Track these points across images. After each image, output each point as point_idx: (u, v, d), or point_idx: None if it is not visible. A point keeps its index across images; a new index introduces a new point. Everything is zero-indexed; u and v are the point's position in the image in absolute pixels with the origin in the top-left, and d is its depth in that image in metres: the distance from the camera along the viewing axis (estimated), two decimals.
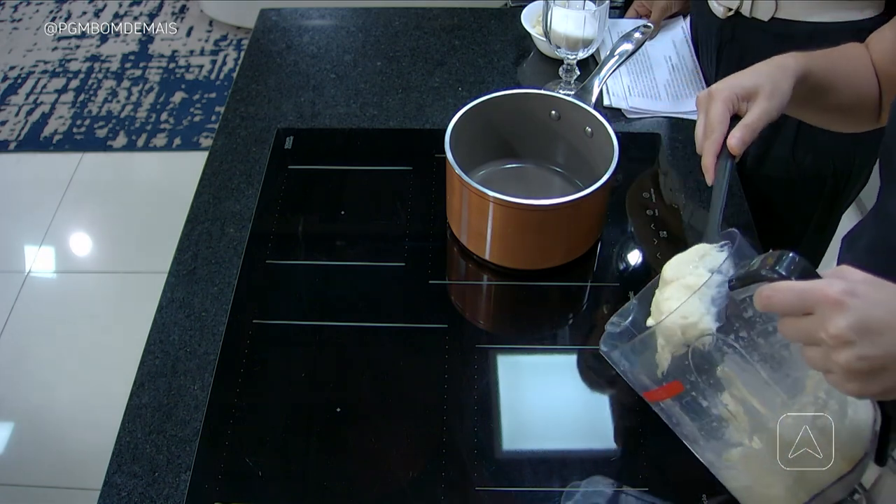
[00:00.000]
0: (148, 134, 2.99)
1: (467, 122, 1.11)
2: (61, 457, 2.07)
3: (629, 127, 1.34)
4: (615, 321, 0.85)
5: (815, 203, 1.38)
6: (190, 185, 1.25)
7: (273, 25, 1.58)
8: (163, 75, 3.26)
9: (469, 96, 1.15)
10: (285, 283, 1.12)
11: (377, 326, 1.06)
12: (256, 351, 1.03)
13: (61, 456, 2.07)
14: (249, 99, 1.40)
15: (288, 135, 1.32)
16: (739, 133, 0.89)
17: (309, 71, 1.46)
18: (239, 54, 3.32)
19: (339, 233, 1.19)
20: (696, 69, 1.42)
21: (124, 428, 0.96)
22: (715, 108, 0.91)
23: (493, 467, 0.92)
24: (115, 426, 0.96)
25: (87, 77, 3.26)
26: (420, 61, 1.48)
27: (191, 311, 1.08)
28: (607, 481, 0.91)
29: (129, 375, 1.01)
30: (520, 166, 1.22)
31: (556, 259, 1.10)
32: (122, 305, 2.43)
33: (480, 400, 0.98)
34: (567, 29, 1.27)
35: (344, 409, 0.98)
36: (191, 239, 1.17)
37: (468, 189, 1.03)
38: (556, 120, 1.16)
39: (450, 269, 1.14)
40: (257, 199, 1.22)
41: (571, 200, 1.01)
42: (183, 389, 0.99)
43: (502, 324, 1.13)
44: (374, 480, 0.92)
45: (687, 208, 1.20)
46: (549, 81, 1.41)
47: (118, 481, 0.91)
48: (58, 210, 2.73)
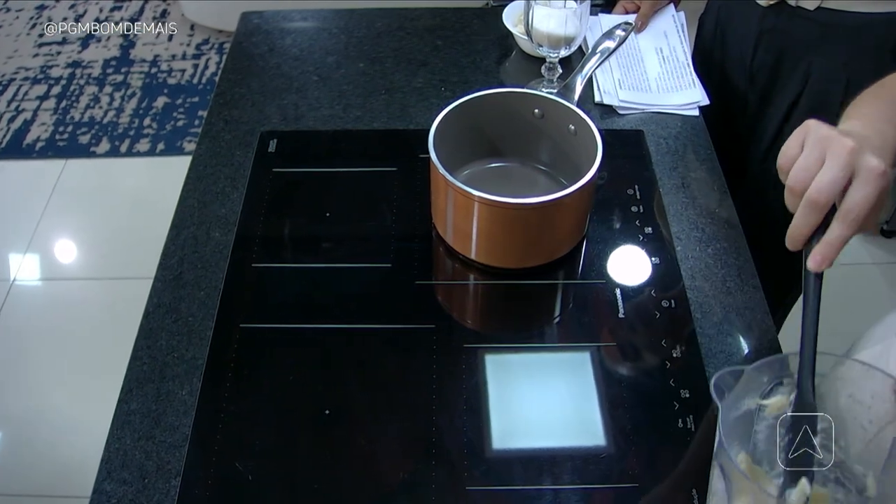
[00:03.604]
0: (131, 139, 2.98)
1: (451, 121, 1.11)
2: (50, 465, 2.06)
3: (613, 124, 1.34)
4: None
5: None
6: (174, 190, 1.24)
7: (255, 28, 1.57)
8: (145, 80, 3.25)
9: (452, 96, 1.15)
10: (272, 286, 1.12)
11: (364, 328, 1.06)
12: (244, 355, 1.03)
13: (50, 464, 2.06)
14: (232, 102, 1.40)
15: (272, 138, 1.32)
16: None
17: (292, 73, 1.46)
18: (221, 58, 3.32)
19: (325, 235, 1.19)
20: (687, 61, 1.42)
21: (113, 434, 0.96)
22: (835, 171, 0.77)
23: (484, 467, 0.92)
24: (104, 433, 0.95)
25: (69, 83, 3.25)
26: (403, 62, 1.48)
27: (178, 316, 1.08)
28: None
29: (116, 382, 1.01)
30: (504, 165, 1.22)
31: (542, 257, 1.11)
32: (108, 312, 2.42)
33: (469, 400, 0.98)
34: (549, 27, 1.27)
35: (333, 412, 0.98)
36: (176, 244, 1.17)
37: (453, 189, 1.03)
38: (539, 118, 1.16)
39: (436, 270, 1.14)
40: (242, 202, 1.21)
41: (556, 198, 1.01)
42: (171, 395, 0.99)
43: (490, 323, 1.13)
44: (365, 482, 0.92)
45: (672, 204, 1.21)
46: (531, 80, 1.41)
47: (108, 488, 0.91)
48: (42, 217, 2.72)
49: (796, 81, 1.29)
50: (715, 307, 1.08)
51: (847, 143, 0.76)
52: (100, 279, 2.55)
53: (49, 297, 2.55)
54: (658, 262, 1.12)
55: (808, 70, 1.26)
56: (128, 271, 2.52)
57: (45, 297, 2.56)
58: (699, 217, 1.19)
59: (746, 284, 1.11)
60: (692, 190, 1.23)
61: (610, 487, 0.90)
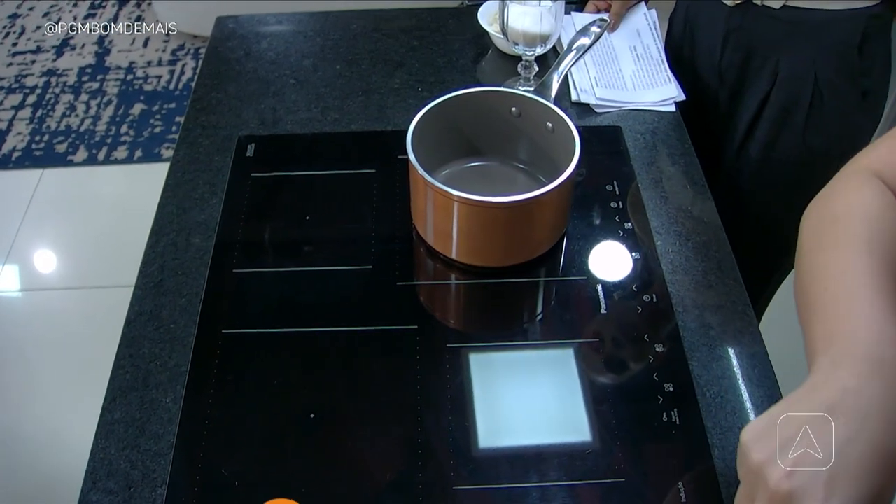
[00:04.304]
0: (108, 147, 2.97)
1: (429, 122, 1.11)
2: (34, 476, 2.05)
3: (591, 120, 1.35)
4: None
5: (819, 187, 1.40)
6: (153, 197, 1.24)
7: (230, 33, 1.57)
8: (121, 87, 3.24)
9: (430, 96, 1.15)
10: (253, 291, 1.12)
11: (347, 330, 1.06)
12: (227, 361, 1.03)
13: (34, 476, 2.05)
14: (209, 108, 1.39)
15: (250, 142, 1.32)
16: None
17: (268, 77, 1.46)
18: (197, 63, 3.31)
19: (305, 238, 1.19)
20: (661, 58, 1.43)
21: (97, 444, 0.95)
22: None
23: (471, 466, 0.92)
24: (88, 443, 0.95)
25: (45, 92, 3.23)
26: (380, 63, 1.48)
27: (159, 323, 1.07)
28: None
29: (100, 391, 1.00)
30: (483, 164, 1.22)
31: (523, 255, 1.11)
32: (89, 321, 2.41)
33: (454, 399, 0.98)
34: (524, 25, 1.27)
35: (318, 415, 0.97)
36: (156, 251, 1.16)
37: (432, 189, 1.03)
38: (517, 116, 1.16)
39: (417, 270, 1.14)
40: (221, 208, 1.21)
41: (535, 196, 1.01)
42: (155, 403, 0.99)
43: (472, 322, 1.13)
44: (352, 484, 0.92)
45: (651, 199, 1.21)
46: (508, 79, 1.42)
47: (94, 499, 0.90)
48: (20, 228, 2.70)
49: (765, 79, 1.30)
50: (696, 301, 1.08)
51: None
52: (80, 289, 2.54)
53: (29, 308, 2.53)
54: (638, 257, 1.13)
55: (775, 68, 1.28)
56: (108, 280, 2.51)
57: (25, 308, 2.54)
58: (678, 212, 1.20)
59: (727, 278, 1.11)
60: (671, 185, 1.24)
61: (596, 483, 0.91)
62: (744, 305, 1.08)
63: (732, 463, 0.92)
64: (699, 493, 0.89)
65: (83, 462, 0.93)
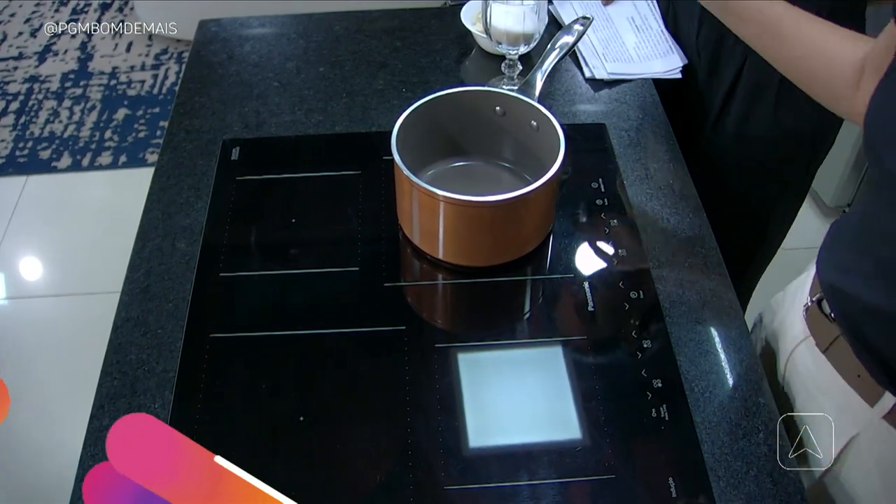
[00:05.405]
0: (93, 153, 2.95)
1: (413, 122, 1.11)
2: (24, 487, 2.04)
3: (575, 118, 1.35)
4: None
5: (792, 164, 1.43)
6: (138, 202, 1.23)
7: (213, 36, 1.56)
8: (104, 93, 3.22)
9: (413, 97, 1.15)
10: (240, 294, 1.11)
11: (335, 333, 1.06)
12: (215, 365, 1.02)
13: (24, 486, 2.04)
14: (193, 112, 1.39)
15: (234, 146, 1.31)
16: None
17: (252, 80, 1.45)
18: (180, 67, 3.29)
19: (291, 241, 1.19)
20: (660, 28, 1.46)
21: (87, 452, 0.95)
22: None
23: (461, 465, 0.92)
24: (78, 451, 0.94)
25: (27, 98, 3.21)
26: (363, 64, 1.48)
27: (146, 329, 1.07)
28: None
29: (88, 398, 1.00)
30: (468, 164, 1.22)
31: (510, 254, 1.11)
32: (76, 328, 2.39)
33: (444, 399, 0.98)
34: (507, 25, 1.27)
35: (307, 418, 0.97)
36: (142, 256, 1.16)
37: (417, 189, 1.03)
38: (501, 116, 1.17)
39: (404, 271, 1.14)
40: (207, 212, 1.21)
41: (521, 195, 1.01)
42: (143, 409, 0.98)
43: (460, 322, 1.13)
44: (343, 486, 0.92)
45: (636, 196, 1.21)
46: (492, 78, 1.42)
47: None
48: (5, 235, 2.68)
49: (736, 59, 1.34)
50: (683, 296, 1.09)
51: None
52: (66, 295, 2.53)
53: (15, 316, 2.52)
54: (625, 254, 1.13)
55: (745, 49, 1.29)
56: (94, 286, 2.50)
57: (11, 316, 2.53)
58: (664, 208, 1.20)
59: (713, 272, 1.12)
60: (656, 181, 1.24)
61: (586, 480, 0.91)
62: (730, 300, 1.09)
63: (721, 457, 0.92)
64: (689, 487, 0.89)
65: (73, 470, 0.93)
